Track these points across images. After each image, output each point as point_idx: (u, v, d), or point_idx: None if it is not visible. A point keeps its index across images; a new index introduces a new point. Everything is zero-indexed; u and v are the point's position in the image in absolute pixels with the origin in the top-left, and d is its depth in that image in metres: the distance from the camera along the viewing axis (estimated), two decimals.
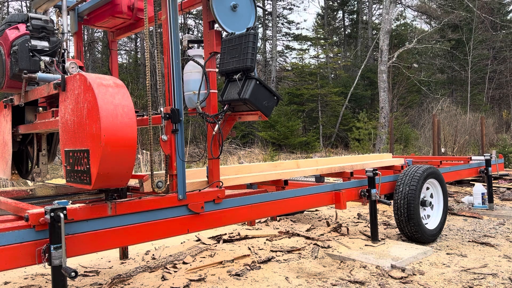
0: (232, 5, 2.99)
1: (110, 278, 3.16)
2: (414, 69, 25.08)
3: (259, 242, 4.22)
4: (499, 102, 26.74)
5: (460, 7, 23.80)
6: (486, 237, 4.29)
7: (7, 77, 2.64)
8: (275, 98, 2.89)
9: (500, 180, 7.60)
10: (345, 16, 32.92)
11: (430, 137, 13.73)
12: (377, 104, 19.32)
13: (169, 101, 2.65)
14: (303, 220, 5.28)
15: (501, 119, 20.97)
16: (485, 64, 26.00)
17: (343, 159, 5.26)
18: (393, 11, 20.79)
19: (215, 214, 2.80)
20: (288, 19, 31.17)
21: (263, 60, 27.45)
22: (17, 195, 3.02)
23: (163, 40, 2.69)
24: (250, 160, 13.99)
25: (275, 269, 3.37)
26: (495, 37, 25.76)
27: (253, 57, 2.75)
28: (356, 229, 4.69)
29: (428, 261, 3.52)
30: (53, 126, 2.54)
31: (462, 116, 16.47)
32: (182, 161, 2.63)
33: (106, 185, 2.21)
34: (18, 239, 2.02)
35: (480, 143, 11.82)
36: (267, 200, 3.16)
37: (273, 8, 25.84)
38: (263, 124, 19.56)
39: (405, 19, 28.98)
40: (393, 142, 12.63)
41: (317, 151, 18.91)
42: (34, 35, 2.60)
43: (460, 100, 24.67)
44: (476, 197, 5.88)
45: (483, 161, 5.70)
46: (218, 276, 3.23)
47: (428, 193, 4.28)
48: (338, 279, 3.13)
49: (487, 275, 3.16)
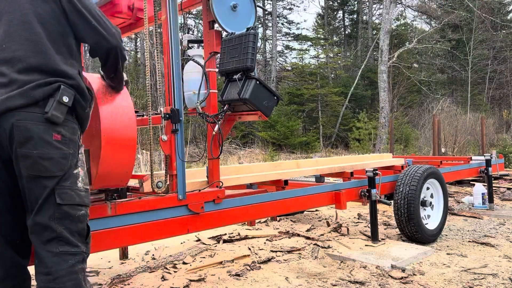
0: (232, 5, 2.99)
1: (110, 278, 3.16)
2: (414, 69, 25.08)
3: (259, 242, 4.22)
4: (499, 102, 26.73)
5: (460, 7, 23.79)
6: (486, 237, 4.29)
7: None
8: (275, 98, 2.89)
9: (501, 180, 7.59)
10: (345, 16, 32.91)
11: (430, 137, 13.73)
12: (377, 104, 19.32)
13: (169, 101, 2.65)
14: (303, 220, 5.28)
15: (501, 119, 20.96)
16: (485, 64, 25.99)
17: (343, 159, 5.26)
18: (393, 11, 20.80)
19: (215, 214, 2.80)
20: (288, 19, 31.17)
21: (263, 60, 27.46)
22: None
23: (163, 40, 2.69)
24: (250, 160, 13.99)
25: (275, 269, 3.37)
26: (495, 37, 25.75)
27: (253, 57, 2.75)
28: (356, 229, 4.69)
29: (428, 261, 3.52)
30: None
31: (462, 116, 16.46)
32: (182, 161, 2.63)
33: (106, 185, 2.21)
34: None
35: (480, 143, 11.82)
36: (267, 200, 3.15)
37: (273, 8, 25.84)
38: (263, 124, 19.55)
39: (405, 19, 28.99)
40: (393, 142, 12.62)
41: (317, 151, 18.91)
42: None
43: (460, 100, 24.66)
44: (476, 197, 5.87)
45: (483, 161, 5.69)
46: (218, 276, 3.23)
47: (428, 193, 4.28)
48: (338, 279, 3.13)
49: (487, 275, 3.16)
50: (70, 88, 1.71)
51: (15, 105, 1.60)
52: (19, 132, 1.60)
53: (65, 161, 1.66)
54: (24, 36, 1.70)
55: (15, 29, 1.71)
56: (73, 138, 1.72)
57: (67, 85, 1.70)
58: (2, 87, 1.64)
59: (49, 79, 1.67)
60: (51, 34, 1.74)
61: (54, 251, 1.62)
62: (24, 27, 1.71)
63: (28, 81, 1.65)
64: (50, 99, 1.65)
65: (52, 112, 1.63)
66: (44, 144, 1.62)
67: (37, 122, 1.62)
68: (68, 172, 1.67)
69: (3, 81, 1.65)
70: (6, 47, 1.69)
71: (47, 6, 1.75)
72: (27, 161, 1.60)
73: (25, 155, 1.60)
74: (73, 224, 1.68)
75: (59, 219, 1.64)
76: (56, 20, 1.76)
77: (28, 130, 1.60)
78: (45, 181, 1.63)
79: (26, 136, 1.60)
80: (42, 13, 1.73)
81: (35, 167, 1.61)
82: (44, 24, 1.74)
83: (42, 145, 1.61)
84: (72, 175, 1.69)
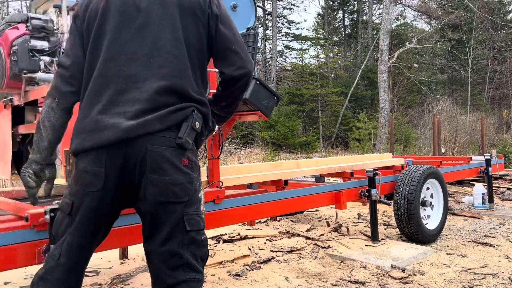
0: (232, 5, 2.99)
1: (110, 278, 3.16)
2: (414, 69, 25.07)
3: (259, 242, 4.22)
4: (499, 102, 26.74)
5: (460, 7, 23.80)
6: (486, 237, 4.29)
7: (7, 77, 2.64)
8: (275, 98, 2.89)
9: (501, 180, 7.60)
10: (345, 16, 32.92)
11: (430, 137, 13.73)
12: (377, 104, 19.32)
13: None
14: (303, 220, 5.28)
15: (501, 119, 20.97)
16: (485, 64, 26.00)
17: (343, 159, 5.26)
18: (393, 11, 20.79)
19: (215, 214, 2.79)
20: (288, 19, 31.15)
21: (263, 60, 27.46)
22: (17, 195, 3.01)
23: None
24: (250, 160, 13.99)
25: (275, 269, 3.37)
26: (495, 37, 25.76)
27: (253, 57, 2.75)
28: (356, 229, 4.69)
29: (428, 261, 3.52)
30: None
31: (462, 116, 16.47)
32: None
33: None
34: (18, 239, 2.01)
35: (480, 143, 11.83)
36: (267, 200, 3.15)
37: (273, 8, 25.84)
38: (263, 124, 19.56)
39: (405, 19, 29.02)
40: (393, 142, 12.62)
41: (317, 151, 18.91)
42: (34, 35, 2.60)
43: (460, 100, 24.67)
44: (476, 197, 5.87)
45: (484, 161, 5.69)
46: (218, 276, 3.23)
47: (428, 193, 4.28)
48: (338, 279, 3.13)
49: (487, 275, 3.16)
50: (200, 114, 1.65)
51: (153, 130, 1.53)
52: (152, 157, 1.52)
53: (190, 185, 1.60)
54: (173, 54, 1.62)
55: (165, 44, 1.62)
56: (197, 161, 1.68)
57: (198, 111, 1.64)
58: (138, 103, 1.56)
59: (185, 103, 1.61)
60: (191, 57, 1.67)
61: (180, 278, 1.58)
62: (175, 44, 1.63)
63: (167, 103, 1.57)
64: (183, 124, 1.59)
65: (186, 138, 1.58)
66: (175, 170, 1.56)
67: (170, 148, 1.55)
68: (193, 196, 1.62)
69: (140, 97, 1.57)
70: (154, 61, 1.61)
71: (194, 27, 1.68)
72: (157, 187, 1.54)
73: (157, 181, 1.53)
74: (198, 250, 1.63)
75: (186, 246, 1.59)
76: (200, 43, 1.70)
77: (162, 156, 1.53)
78: (173, 207, 1.57)
79: (159, 162, 1.53)
80: (189, 34, 1.67)
81: (166, 193, 1.54)
82: (188, 45, 1.66)
83: (174, 171, 1.55)
84: (197, 199, 1.65)
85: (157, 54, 1.61)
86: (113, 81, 1.59)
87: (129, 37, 1.62)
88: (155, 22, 1.63)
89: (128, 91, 1.58)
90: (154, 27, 1.63)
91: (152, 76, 1.59)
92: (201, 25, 1.69)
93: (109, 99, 1.58)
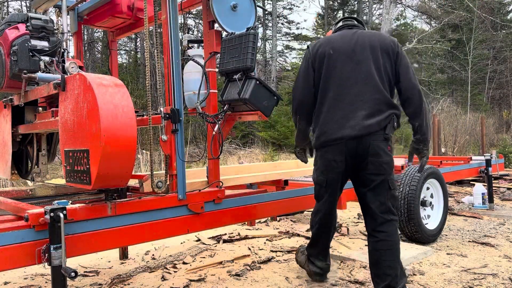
0: (232, 5, 2.99)
1: (110, 278, 3.16)
2: (414, 69, 25.04)
3: (259, 242, 4.22)
4: (499, 102, 26.73)
5: (460, 7, 23.78)
6: (486, 237, 4.28)
7: (7, 77, 2.64)
8: (275, 98, 2.89)
9: (501, 180, 7.59)
10: None
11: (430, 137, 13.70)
12: None
13: (169, 101, 2.65)
14: (303, 220, 5.27)
15: (501, 119, 20.96)
16: (485, 64, 25.98)
17: None
18: (394, 11, 20.79)
19: (215, 214, 2.80)
20: (288, 19, 31.08)
21: (263, 60, 27.44)
22: (17, 195, 3.01)
23: (163, 40, 2.69)
24: (250, 160, 13.98)
25: (275, 269, 3.37)
26: (495, 37, 25.74)
27: (253, 57, 2.75)
28: (356, 229, 4.69)
29: (428, 261, 3.52)
30: (52, 126, 2.53)
31: (462, 116, 16.46)
32: (182, 161, 2.63)
33: (106, 185, 2.21)
34: (18, 239, 2.02)
35: (480, 143, 11.82)
36: (267, 200, 3.16)
37: (273, 8, 25.83)
38: (263, 124, 19.54)
39: (405, 19, 28.98)
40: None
41: None
42: (34, 35, 2.60)
43: (460, 100, 24.65)
44: (476, 197, 5.87)
45: (483, 161, 5.69)
46: (218, 276, 3.23)
47: (428, 193, 4.27)
48: (338, 279, 3.13)
49: (487, 275, 3.16)
50: (396, 116, 2.59)
51: (374, 130, 2.52)
52: (373, 147, 2.52)
53: (392, 163, 2.61)
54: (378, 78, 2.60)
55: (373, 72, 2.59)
56: (393, 147, 2.68)
57: (395, 115, 2.59)
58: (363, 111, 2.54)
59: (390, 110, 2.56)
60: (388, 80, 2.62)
61: (387, 218, 2.58)
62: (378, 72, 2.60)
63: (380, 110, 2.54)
64: (388, 125, 2.55)
65: (390, 134, 2.57)
66: (384, 154, 2.55)
67: (381, 141, 2.54)
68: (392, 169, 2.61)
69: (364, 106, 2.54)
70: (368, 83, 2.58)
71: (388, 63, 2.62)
72: (374, 164, 2.54)
73: (375, 162, 2.54)
74: (395, 201, 2.63)
75: (389, 198, 2.58)
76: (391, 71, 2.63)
77: (379, 147, 2.53)
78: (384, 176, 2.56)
79: (377, 150, 2.53)
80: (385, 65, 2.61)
81: (380, 168, 2.55)
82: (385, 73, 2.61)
83: (384, 155, 2.55)
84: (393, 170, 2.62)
85: (369, 79, 2.58)
86: (345, 97, 2.58)
87: (350, 69, 2.61)
88: (366, 59, 2.60)
89: (355, 104, 2.56)
90: (365, 62, 2.60)
91: (369, 94, 2.56)
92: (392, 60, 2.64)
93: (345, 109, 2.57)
